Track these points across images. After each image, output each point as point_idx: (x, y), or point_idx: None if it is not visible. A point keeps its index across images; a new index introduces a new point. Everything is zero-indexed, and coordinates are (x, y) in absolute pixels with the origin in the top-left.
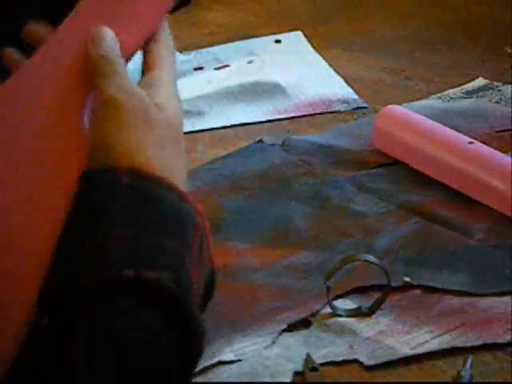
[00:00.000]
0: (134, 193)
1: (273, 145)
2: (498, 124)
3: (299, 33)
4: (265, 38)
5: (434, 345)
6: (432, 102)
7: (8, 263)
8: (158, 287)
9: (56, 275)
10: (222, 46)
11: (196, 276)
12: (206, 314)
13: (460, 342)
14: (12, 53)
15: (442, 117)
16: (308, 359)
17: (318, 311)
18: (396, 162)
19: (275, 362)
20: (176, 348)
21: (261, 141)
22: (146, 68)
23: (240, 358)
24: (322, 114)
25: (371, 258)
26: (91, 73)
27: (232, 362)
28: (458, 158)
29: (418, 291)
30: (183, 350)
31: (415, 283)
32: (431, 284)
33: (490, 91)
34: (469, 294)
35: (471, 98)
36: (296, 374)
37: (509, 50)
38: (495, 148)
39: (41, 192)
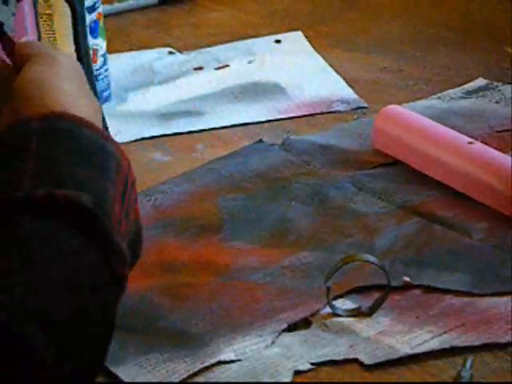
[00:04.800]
0: (45, 133)
1: (273, 145)
2: (498, 124)
3: (299, 33)
4: (265, 38)
5: (434, 345)
6: (432, 102)
7: None
8: (72, 206)
9: None
10: (222, 46)
11: (120, 214)
12: (206, 314)
13: (460, 342)
14: None
15: (441, 117)
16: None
17: (318, 311)
18: (396, 162)
19: (275, 361)
20: (97, 269)
21: (261, 141)
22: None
23: (240, 357)
24: (322, 114)
25: (371, 257)
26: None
27: (232, 361)
28: (457, 157)
29: (418, 291)
30: (104, 273)
31: (415, 283)
32: (431, 284)
33: (490, 91)
34: (469, 294)
35: (471, 98)
36: (296, 373)
37: (509, 50)
38: (495, 148)
39: None
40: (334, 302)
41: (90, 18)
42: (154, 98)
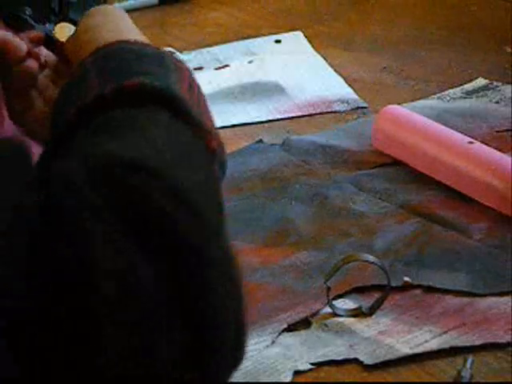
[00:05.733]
0: (98, 58)
1: (273, 145)
2: (497, 124)
3: (299, 33)
4: (265, 38)
5: (434, 344)
6: (432, 102)
7: None
8: (145, 90)
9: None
10: (222, 45)
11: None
12: None
13: (460, 342)
14: None
15: (442, 117)
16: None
17: (318, 311)
18: (396, 162)
19: (275, 361)
20: (196, 143)
21: (261, 141)
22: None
23: None
24: (321, 114)
25: (371, 257)
26: None
27: None
28: (457, 157)
29: (418, 291)
30: (201, 147)
31: (415, 283)
32: (431, 284)
33: (490, 91)
34: (469, 294)
35: (471, 98)
36: (296, 373)
37: (509, 50)
38: (495, 148)
39: None
40: (334, 302)
41: None
42: None
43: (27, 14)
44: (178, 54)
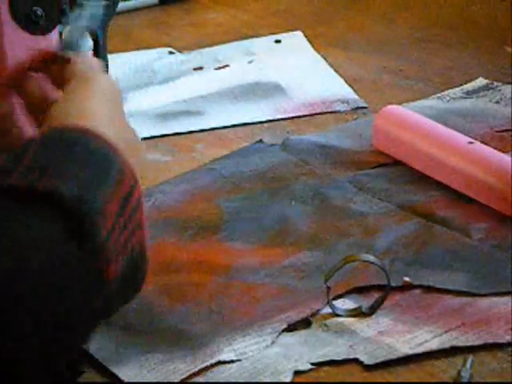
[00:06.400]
0: (45, 142)
1: (273, 145)
2: (497, 124)
3: (299, 33)
4: (265, 38)
5: (434, 344)
6: (432, 102)
7: None
8: (53, 196)
9: None
10: (222, 45)
11: (113, 216)
12: (206, 314)
13: (460, 342)
14: None
15: (441, 117)
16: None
17: (318, 311)
18: (396, 162)
19: (275, 361)
20: (77, 262)
21: (261, 141)
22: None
23: (240, 357)
24: (321, 114)
25: (371, 257)
26: None
27: (232, 361)
28: (458, 157)
29: (418, 291)
30: (78, 265)
31: (415, 283)
32: (431, 284)
33: (490, 91)
34: (469, 294)
35: (471, 98)
36: (296, 373)
37: (509, 50)
38: (495, 148)
39: None
40: (334, 302)
41: None
42: (154, 98)
43: (39, 16)
44: (177, 53)
